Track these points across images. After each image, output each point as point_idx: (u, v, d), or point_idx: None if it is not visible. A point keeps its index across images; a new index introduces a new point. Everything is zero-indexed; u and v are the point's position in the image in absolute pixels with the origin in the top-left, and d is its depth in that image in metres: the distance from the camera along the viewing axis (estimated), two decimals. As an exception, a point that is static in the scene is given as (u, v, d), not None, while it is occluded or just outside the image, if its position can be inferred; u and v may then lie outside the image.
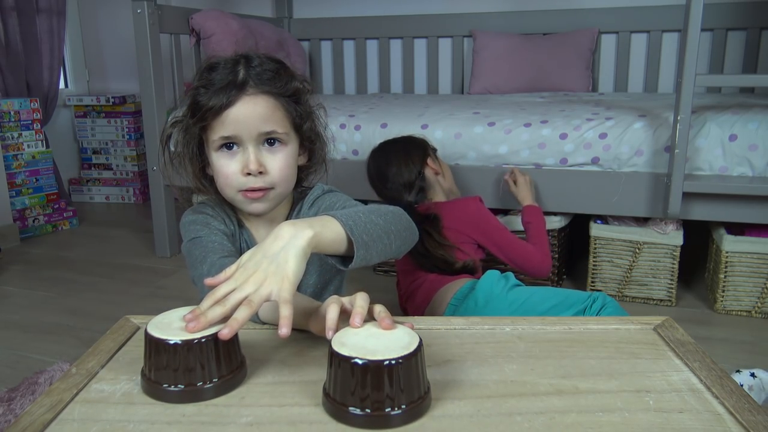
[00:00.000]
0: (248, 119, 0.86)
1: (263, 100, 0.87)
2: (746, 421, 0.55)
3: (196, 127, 0.88)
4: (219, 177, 0.89)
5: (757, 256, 1.67)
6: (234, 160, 0.88)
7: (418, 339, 0.58)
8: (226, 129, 0.86)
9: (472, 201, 1.55)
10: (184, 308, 0.67)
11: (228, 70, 0.87)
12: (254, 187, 0.88)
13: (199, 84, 0.88)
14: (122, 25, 3.27)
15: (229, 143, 0.87)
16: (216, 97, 0.85)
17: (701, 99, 1.98)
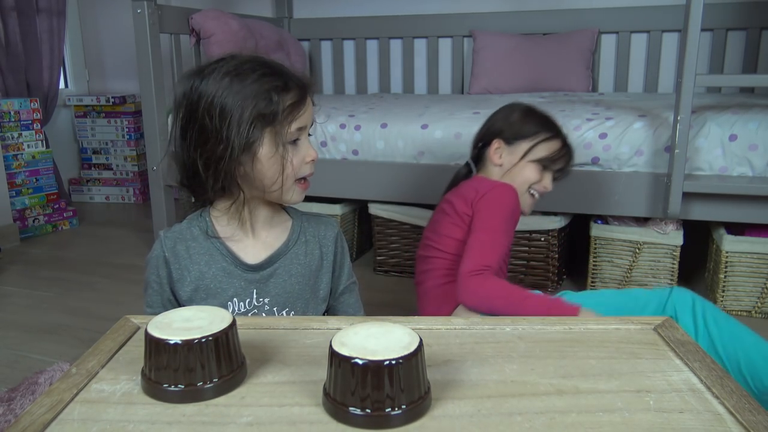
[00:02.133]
0: (311, 110, 0.94)
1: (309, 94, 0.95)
2: (747, 421, 0.55)
3: (285, 126, 0.90)
4: (285, 169, 0.91)
5: (757, 256, 1.67)
6: (296, 151, 0.92)
7: (419, 339, 0.58)
8: (302, 120, 0.92)
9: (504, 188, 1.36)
10: (184, 308, 0.67)
11: (272, 72, 0.91)
12: (311, 172, 0.96)
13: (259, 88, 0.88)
14: (122, 25, 3.28)
15: (296, 138, 0.92)
16: (290, 93, 0.90)
17: (701, 99, 1.98)
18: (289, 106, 0.89)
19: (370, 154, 2.00)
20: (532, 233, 1.87)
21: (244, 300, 0.95)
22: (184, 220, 1.00)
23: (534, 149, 1.36)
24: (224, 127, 0.87)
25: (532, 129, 1.37)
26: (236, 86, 0.89)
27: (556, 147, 1.38)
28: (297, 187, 0.95)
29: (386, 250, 2.09)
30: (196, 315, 0.64)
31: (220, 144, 0.88)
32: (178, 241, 0.96)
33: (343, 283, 1.05)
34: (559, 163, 1.39)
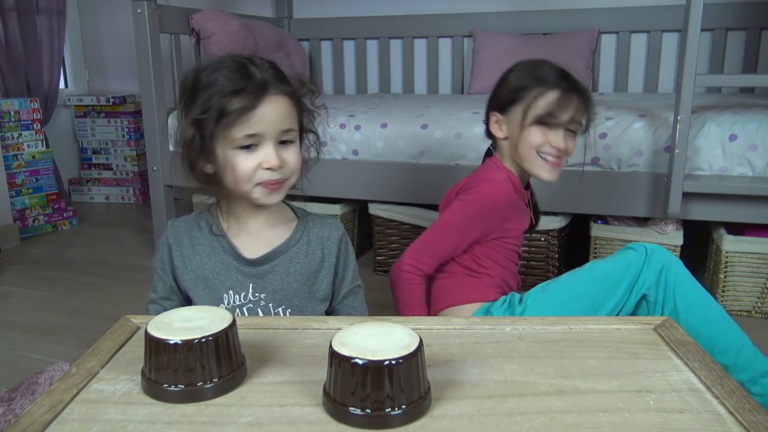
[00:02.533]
0: (272, 118, 0.91)
1: (283, 100, 0.93)
2: (746, 421, 0.55)
3: (218, 128, 0.91)
4: (235, 173, 0.93)
5: (757, 256, 1.67)
6: (252, 157, 0.92)
7: (419, 339, 0.58)
8: (251, 127, 0.90)
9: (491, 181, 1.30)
10: (185, 308, 0.67)
11: (239, 73, 0.91)
12: (273, 179, 0.93)
13: (216, 87, 0.90)
14: (122, 25, 3.28)
15: (249, 143, 0.92)
16: (240, 98, 0.89)
17: (701, 99, 1.98)
18: (235, 111, 0.89)
19: (370, 154, 2.00)
20: (532, 233, 1.87)
21: (240, 293, 0.97)
22: (193, 213, 1.04)
23: (529, 111, 1.24)
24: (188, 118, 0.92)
25: (519, 90, 1.26)
26: (205, 80, 0.92)
27: (552, 99, 1.23)
28: (261, 188, 0.94)
29: (386, 250, 2.09)
30: (196, 315, 0.65)
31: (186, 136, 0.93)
32: (184, 231, 1.00)
33: (346, 285, 1.06)
34: (563, 114, 1.23)
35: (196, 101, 0.92)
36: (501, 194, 1.29)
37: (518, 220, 1.34)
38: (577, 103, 1.24)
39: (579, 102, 1.24)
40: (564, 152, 1.26)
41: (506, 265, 1.34)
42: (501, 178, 1.30)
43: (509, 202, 1.29)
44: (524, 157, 1.27)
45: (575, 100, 1.23)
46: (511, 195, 1.30)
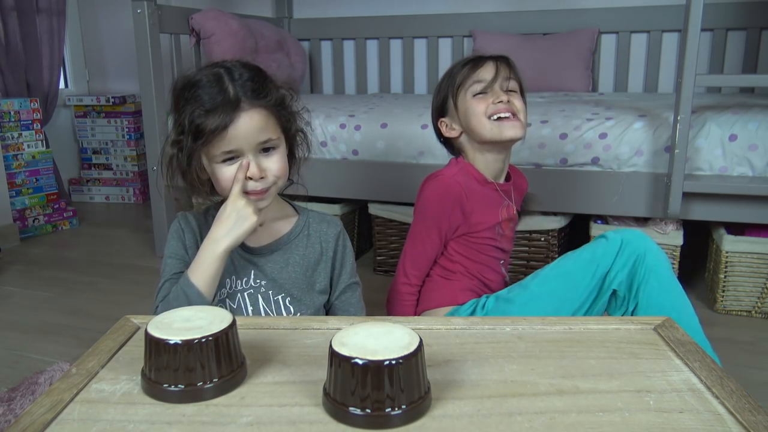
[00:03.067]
0: (247, 133, 0.93)
1: (257, 113, 0.94)
2: (746, 421, 0.55)
3: (197, 146, 0.94)
4: (221, 183, 0.97)
5: (757, 256, 1.67)
6: (233, 168, 0.96)
7: (419, 339, 0.58)
8: (227, 144, 0.93)
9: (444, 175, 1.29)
10: (185, 308, 0.67)
11: (215, 88, 0.93)
12: (255, 189, 0.96)
13: (192, 106, 0.93)
14: (122, 25, 3.28)
15: (230, 157, 0.95)
16: (214, 117, 0.91)
17: (701, 99, 1.98)
18: (210, 130, 0.91)
19: (370, 154, 2.00)
20: (532, 233, 1.87)
21: (242, 278, 1.03)
22: (201, 208, 1.09)
23: (459, 93, 1.27)
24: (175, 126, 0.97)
25: (444, 87, 1.30)
26: (185, 95, 0.95)
27: (469, 70, 1.27)
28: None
29: (386, 250, 2.09)
30: (196, 315, 0.65)
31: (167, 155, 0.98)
32: (194, 221, 1.06)
33: (344, 281, 1.09)
34: (487, 74, 1.25)
35: (174, 122, 0.97)
36: (451, 188, 1.26)
37: (487, 212, 1.29)
38: (495, 65, 1.26)
39: (496, 63, 1.26)
40: (514, 108, 1.25)
41: (482, 260, 1.31)
42: (449, 173, 1.28)
43: (464, 195, 1.26)
44: (482, 130, 1.24)
45: (491, 63, 1.26)
46: (466, 187, 1.26)
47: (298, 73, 2.83)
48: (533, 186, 1.50)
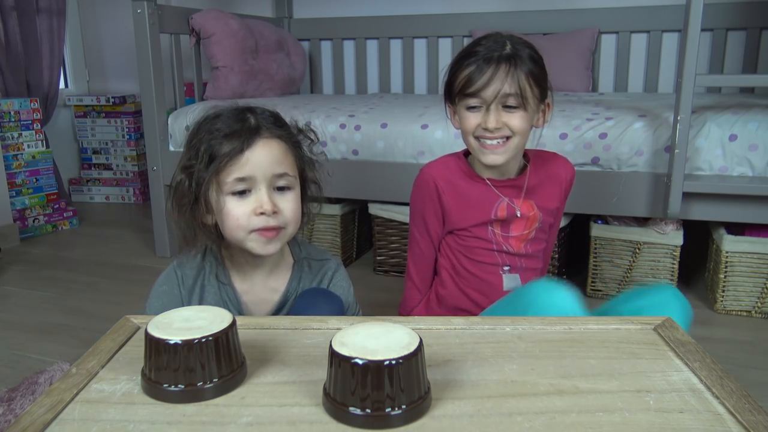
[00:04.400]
0: (264, 161, 0.89)
1: (277, 143, 0.91)
2: (746, 422, 0.55)
3: (209, 172, 0.89)
4: (229, 219, 0.91)
5: (757, 256, 1.67)
6: (245, 202, 0.90)
7: (419, 339, 0.58)
8: (242, 170, 0.88)
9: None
10: (185, 308, 0.67)
11: (235, 118, 0.91)
12: (268, 226, 0.91)
13: (209, 133, 0.90)
14: (122, 25, 3.28)
15: (241, 189, 0.90)
16: (231, 141, 0.88)
17: (701, 99, 1.98)
18: (225, 154, 0.88)
19: (370, 154, 2.00)
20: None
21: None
22: (197, 254, 1.01)
23: (455, 98, 1.15)
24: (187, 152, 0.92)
25: (451, 70, 1.16)
26: (203, 128, 0.92)
27: (466, 73, 1.11)
28: (256, 236, 0.91)
29: (386, 250, 2.09)
30: (196, 315, 0.65)
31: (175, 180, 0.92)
32: (192, 277, 0.98)
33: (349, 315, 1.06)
34: (482, 88, 1.09)
35: (188, 148, 0.93)
36: (424, 183, 1.21)
37: (473, 210, 1.20)
38: (498, 73, 1.08)
39: (500, 71, 1.08)
40: (505, 132, 1.11)
41: (474, 267, 1.23)
42: (429, 166, 1.22)
43: (439, 189, 1.20)
44: (468, 146, 1.18)
45: (491, 70, 1.09)
46: (444, 181, 1.20)
47: (298, 73, 2.83)
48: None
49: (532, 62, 1.10)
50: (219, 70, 2.40)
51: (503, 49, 1.10)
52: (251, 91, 2.52)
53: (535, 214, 1.23)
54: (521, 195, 1.22)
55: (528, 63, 1.10)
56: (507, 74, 1.08)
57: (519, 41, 1.13)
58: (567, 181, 1.28)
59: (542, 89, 1.13)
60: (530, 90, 1.10)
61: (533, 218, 1.23)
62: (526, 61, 1.10)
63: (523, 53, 1.10)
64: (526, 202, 1.22)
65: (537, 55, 1.12)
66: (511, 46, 1.10)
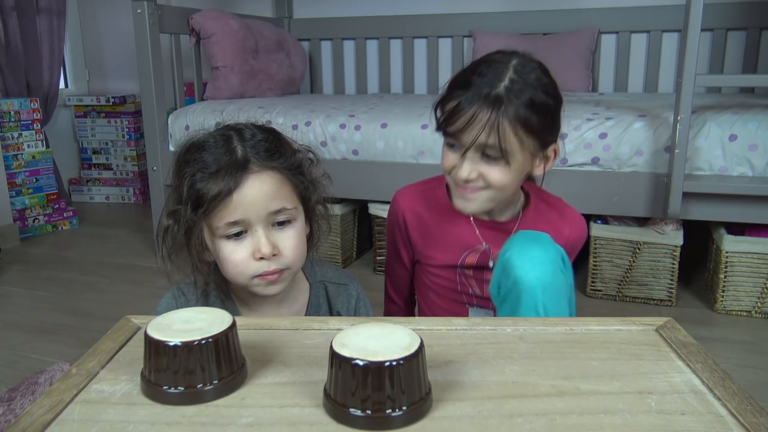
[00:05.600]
0: (256, 200, 0.80)
1: (269, 176, 0.81)
2: (749, 423, 0.55)
3: (197, 217, 0.80)
4: (227, 265, 0.83)
5: (757, 256, 1.67)
6: (242, 246, 0.82)
7: (419, 340, 0.58)
8: (232, 214, 0.79)
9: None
10: (184, 309, 0.67)
11: (222, 149, 0.81)
12: (269, 270, 0.83)
13: (193, 169, 0.81)
14: (122, 25, 3.27)
15: (236, 231, 0.81)
16: (217, 181, 0.78)
17: (701, 99, 1.98)
18: (212, 197, 0.78)
19: (370, 154, 2.00)
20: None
21: None
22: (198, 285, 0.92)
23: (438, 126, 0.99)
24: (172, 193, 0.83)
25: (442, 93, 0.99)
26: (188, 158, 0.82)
27: (449, 108, 0.95)
28: (258, 281, 0.84)
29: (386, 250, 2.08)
30: (196, 316, 0.64)
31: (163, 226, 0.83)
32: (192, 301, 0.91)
33: None
34: (458, 131, 0.93)
35: (175, 186, 0.82)
36: (393, 211, 1.13)
37: (442, 250, 1.08)
38: (478, 118, 0.90)
39: (480, 116, 0.90)
40: (478, 185, 0.96)
41: (435, 298, 1.12)
42: (402, 191, 1.12)
43: (405, 222, 1.11)
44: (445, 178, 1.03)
45: (472, 112, 0.91)
46: (414, 213, 1.10)
47: (298, 73, 2.83)
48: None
49: (530, 108, 0.92)
50: (219, 70, 2.40)
51: (495, 86, 0.91)
52: (251, 91, 2.52)
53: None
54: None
55: (523, 109, 0.91)
56: (488, 121, 0.90)
57: (526, 73, 0.94)
58: (571, 242, 1.09)
59: (541, 138, 0.96)
60: (518, 142, 0.92)
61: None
62: (521, 107, 0.91)
63: (522, 94, 0.92)
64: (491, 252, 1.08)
65: (543, 96, 0.95)
66: (510, 81, 0.92)
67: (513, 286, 0.90)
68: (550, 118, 0.96)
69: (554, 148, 1.00)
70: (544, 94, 0.94)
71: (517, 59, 0.96)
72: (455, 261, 1.07)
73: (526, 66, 0.95)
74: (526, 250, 0.90)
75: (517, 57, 0.96)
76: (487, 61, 0.96)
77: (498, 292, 0.95)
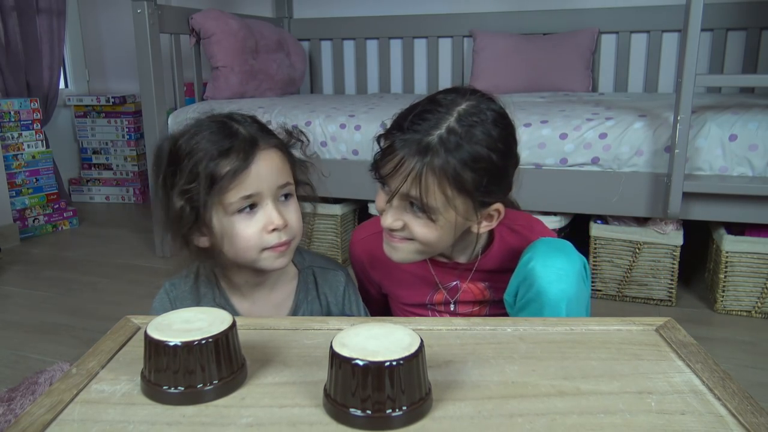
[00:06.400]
0: (267, 174, 0.85)
1: (275, 153, 0.87)
2: (749, 423, 0.55)
3: (212, 196, 0.83)
4: (239, 241, 0.85)
5: (757, 256, 1.67)
6: (254, 220, 0.85)
7: (419, 340, 0.58)
8: (247, 188, 0.84)
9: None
10: (184, 310, 0.67)
11: (223, 132, 0.85)
12: (281, 242, 0.87)
13: (201, 151, 0.83)
14: (122, 25, 3.27)
15: (250, 204, 0.85)
16: (230, 159, 0.83)
17: (701, 99, 1.98)
18: (228, 173, 0.82)
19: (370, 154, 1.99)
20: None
21: None
22: (188, 276, 0.96)
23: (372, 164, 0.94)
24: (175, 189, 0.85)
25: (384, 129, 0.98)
26: (186, 147, 0.85)
27: (381, 144, 0.93)
28: (269, 253, 0.87)
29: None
30: (196, 316, 0.64)
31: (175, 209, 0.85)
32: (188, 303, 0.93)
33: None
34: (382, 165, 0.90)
35: (181, 171, 0.84)
36: (354, 255, 1.11)
37: (408, 292, 1.06)
38: (403, 167, 0.85)
39: (405, 165, 0.85)
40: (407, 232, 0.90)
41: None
42: (364, 237, 1.09)
43: (368, 264, 1.09)
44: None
45: (398, 159, 0.86)
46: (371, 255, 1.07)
47: (298, 73, 2.83)
48: (533, 187, 1.31)
49: (465, 164, 0.83)
50: (219, 70, 2.40)
51: (430, 134, 0.84)
52: (251, 91, 2.52)
53: (485, 296, 1.03)
54: (468, 277, 1.02)
55: (455, 165, 0.82)
56: (413, 171, 0.83)
57: (470, 123, 0.84)
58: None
59: (476, 199, 0.86)
60: (443, 200, 0.84)
61: (484, 299, 1.04)
62: (452, 162, 0.82)
63: (458, 149, 0.82)
64: (472, 284, 1.03)
65: (486, 152, 0.84)
66: (447, 131, 0.83)
67: (536, 297, 0.88)
68: (492, 177, 0.85)
69: (497, 208, 0.91)
70: (487, 150, 0.84)
71: (468, 104, 0.86)
72: (423, 299, 1.05)
73: (475, 115, 0.85)
74: (552, 260, 0.88)
75: (469, 101, 0.87)
76: (435, 101, 0.89)
77: (515, 300, 0.93)
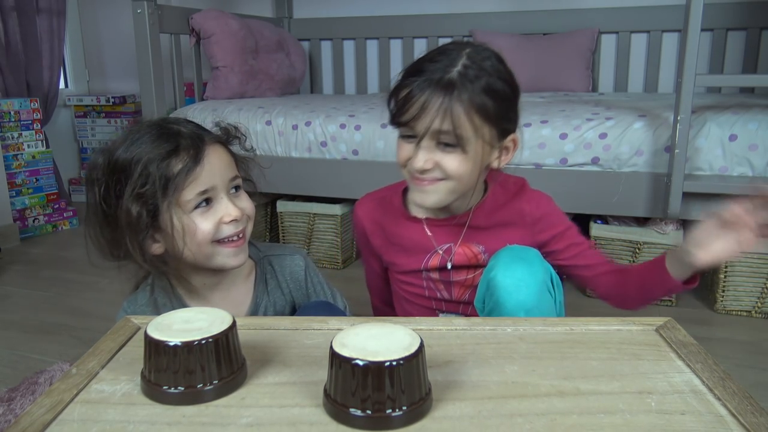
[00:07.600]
0: (219, 168, 0.88)
1: (220, 148, 0.90)
2: (749, 423, 0.55)
3: (168, 196, 0.84)
4: (195, 236, 0.86)
5: (757, 256, 1.67)
6: (209, 215, 0.87)
7: (419, 340, 0.58)
8: (202, 183, 0.85)
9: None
10: (184, 310, 0.67)
11: (165, 135, 0.86)
12: (236, 232, 0.89)
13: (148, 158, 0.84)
14: (122, 25, 3.27)
15: (206, 198, 0.87)
16: (181, 158, 0.84)
17: (701, 99, 1.98)
18: (181, 171, 0.84)
19: (370, 154, 2.00)
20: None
21: None
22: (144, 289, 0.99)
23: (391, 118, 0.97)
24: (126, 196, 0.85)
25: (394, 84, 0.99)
26: (126, 157, 0.86)
27: (401, 96, 0.94)
28: (223, 248, 0.89)
29: (386, 251, 2.08)
30: (196, 316, 0.64)
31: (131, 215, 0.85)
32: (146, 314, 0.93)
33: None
34: (411, 119, 0.91)
35: (129, 177, 0.84)
36: (356, 221, 1.14)
37: (404, 256, 1.08)
38: (431, 104, 0.89)
39: (433, 102, 0.89)
40: (435, 175, 0.93)
41: (406, 304, 1.12)
42: (367, 202, 1.13)
43: (368, 230, 1.11)
44: (402, 173, 1.00)
45: (425, 99, 0.89)
46: (373, 221, 1.10)
47: (298, 73, 2.83)
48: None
49: (486, 93, 0.89)
50: (219, 70, 2.40)
51: (448, 71, 0.90)
52: (251, 91, 2.52)
53: (479, 260, 1.04)
54: (461, 234, 1.04)
55: (478, 94, 0.88)
56: (441, 107, 0.88)
57: (480, 59, 0.91)
58: (536, 218, 1.05)
59: (498, 126, 0.92)
60: (472, 129, 0.89)
61: (477, 263, 1.05)
62: (476, 92, 0.88)
63: (476, 79, 0.89)
64: (465, 246, 1.04)
65: (500, 82, 0.91)
66: (463, 67, 0.90)
67: (495, 307, 0.91)
68: (507, 105, 0.93)
69: (513, 138, 0.96)
70: (500, 80, 0.91)
71: (471, 48, 0.94)
72: (418, 265, 1.06)
73: (480, 53, 0.92)
74: (512, 270, 0.91)
75: (471, 46, 0.94)
76: (440, 50, 0.96)
77: (483, 308, 0.96)
